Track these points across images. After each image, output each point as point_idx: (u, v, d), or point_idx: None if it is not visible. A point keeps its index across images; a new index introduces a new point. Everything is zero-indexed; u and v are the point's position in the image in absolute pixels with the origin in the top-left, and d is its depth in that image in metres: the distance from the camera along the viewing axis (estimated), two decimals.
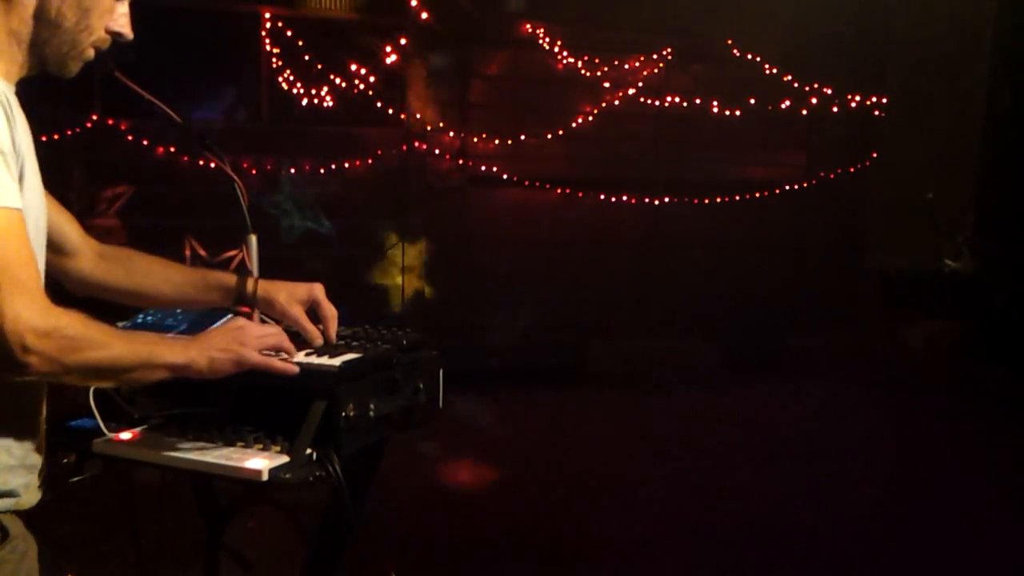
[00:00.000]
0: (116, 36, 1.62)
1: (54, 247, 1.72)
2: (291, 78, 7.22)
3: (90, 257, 1.86)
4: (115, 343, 1.49)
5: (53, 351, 1.39)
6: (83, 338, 1.43)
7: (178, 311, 1.96)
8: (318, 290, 1.94)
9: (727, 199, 8.47)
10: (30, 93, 1.58)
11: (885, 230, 9.01)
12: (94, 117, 6.54)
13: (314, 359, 1.78)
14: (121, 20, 1.61)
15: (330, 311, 1.93)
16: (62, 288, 1.78)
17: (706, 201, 8.43)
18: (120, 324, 1.92)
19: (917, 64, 8.60)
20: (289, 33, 7.18)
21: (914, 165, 8.77)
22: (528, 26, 7.88)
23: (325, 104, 7.30)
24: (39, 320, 1.37)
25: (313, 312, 1.92)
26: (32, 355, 1.36)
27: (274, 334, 1.72)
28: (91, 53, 1.60)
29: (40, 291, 1.41)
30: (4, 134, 1.41)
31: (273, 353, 1.70)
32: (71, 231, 1.82)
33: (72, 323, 1.42)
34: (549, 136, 7.95)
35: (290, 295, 1.91)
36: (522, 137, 7.91)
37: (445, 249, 7.85)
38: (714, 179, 8.54)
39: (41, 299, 1.40)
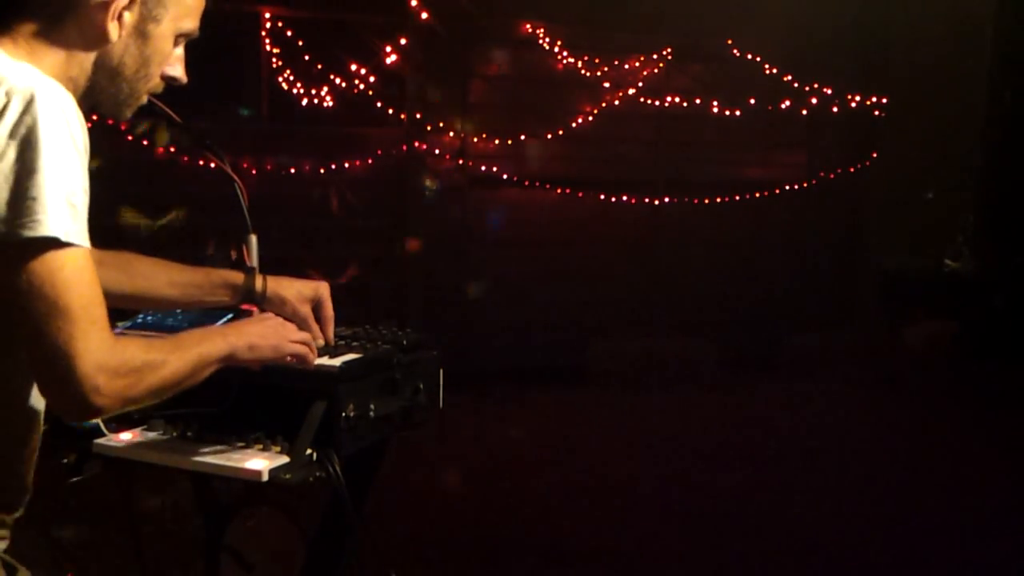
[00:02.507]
0: (170, 81, 1.60)
1: None
2: (291, 78, 7.21)
3: None
4: (171, 359, 1.47)
5: (121, 388, 1.36)
6: (145, 366, 1.41)
7: (178, 312, 1.96)
8: (324, 289, 1.93)
9: (727, 199, 8.47)
10: None
11: (885, 230, 9.00)
12: (94, 117, 6.53)
13: None
14: (177, 64, 1.60)
15: (330, 312, 1.93)
16: None
17: (706, 201, 8.43)
18: (119, 324, 1.92)
19: (917, 64, 8.59)
20: (289, 33, 7.19)
21: (914, 165, 8.76)
22: (528, 26, 7.88)
23: (325, 104, 7.29)
24: (110, 359, 1.35)
25: (314, 311, 1.92)
26: (103, 397, 1.34)
27: (307, 339, 1.72)
28: (145, 99, 1.58)
29: (108, 327, 1.38)
30: (85, 171, 1.39)
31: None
32: None
33: (136, 353, 1.41)
34: (549, 136, 7.95)
35: (298, 293, 1.90)
36: (522, 137, 7.91)
37: (445, 249, 7.85)
38: (714, 179, 8.53)
39: (109, 336, 1.37)
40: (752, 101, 8.30)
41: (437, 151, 7.71)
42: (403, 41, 7.39)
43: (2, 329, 1.37)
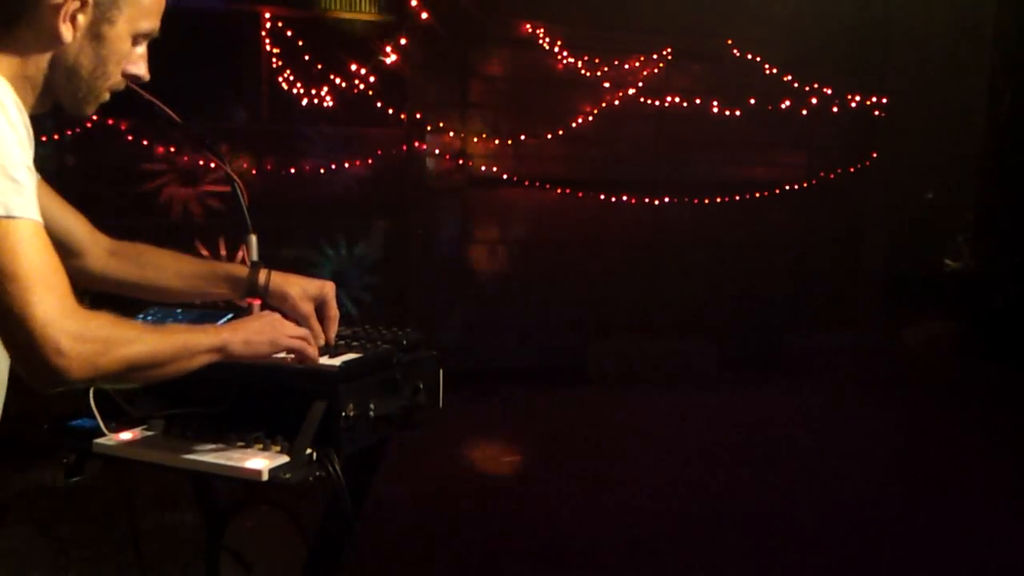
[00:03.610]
0: (133, 79, 1.61)
1: (62, 249, 1.71)
2: (291, 78, 7.21)
3: (100, 255, 1.86)
4: (148, 337, 1.49)
5: (88, 353, 1.37)
6: (115, 337, 1.42)
7: (178, 311, 1.97)
8: (328, 288, 1.93)
9: (727, 199, 8.46)
10: None
11: (885, 230, 9.01)
12: (94, 117, 6.53)
13: None
14: (139, 62, 1.61)
15: (334, 312, 1.93)
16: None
17: (706, 201, 8.42)
18: None
19: (917, 64, 8.60)
20: (289, 33, 7.18)
21: (914, 165, 8.77)
22: (528, 26, 7.88)
23: (325, 104, 7.29)
24: (71, 323, 1.36)
25: (318, 310, 1.92)
26: (67, 359, 1.34)
27: (305, 335, 1.73)
28: (107, 96, 1.60)
29: (70, 295, 1.40)
30: (28, 151, 1.41)
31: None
32: (79, 230, 1.82)
33: (103, 324, 1.42)
34: (549, 136, 7.94)
35: (303, 291, 1.90)
36: (522, 137, 7.91)
37: (445, 249, 7.85)
38: (714, 179, 8.53)
39: (71, 302, 1.39)
40: (752, 101, 8.29)
41: (437, 151, 7.71)
42: (403, 41, 7.39)
43: None
